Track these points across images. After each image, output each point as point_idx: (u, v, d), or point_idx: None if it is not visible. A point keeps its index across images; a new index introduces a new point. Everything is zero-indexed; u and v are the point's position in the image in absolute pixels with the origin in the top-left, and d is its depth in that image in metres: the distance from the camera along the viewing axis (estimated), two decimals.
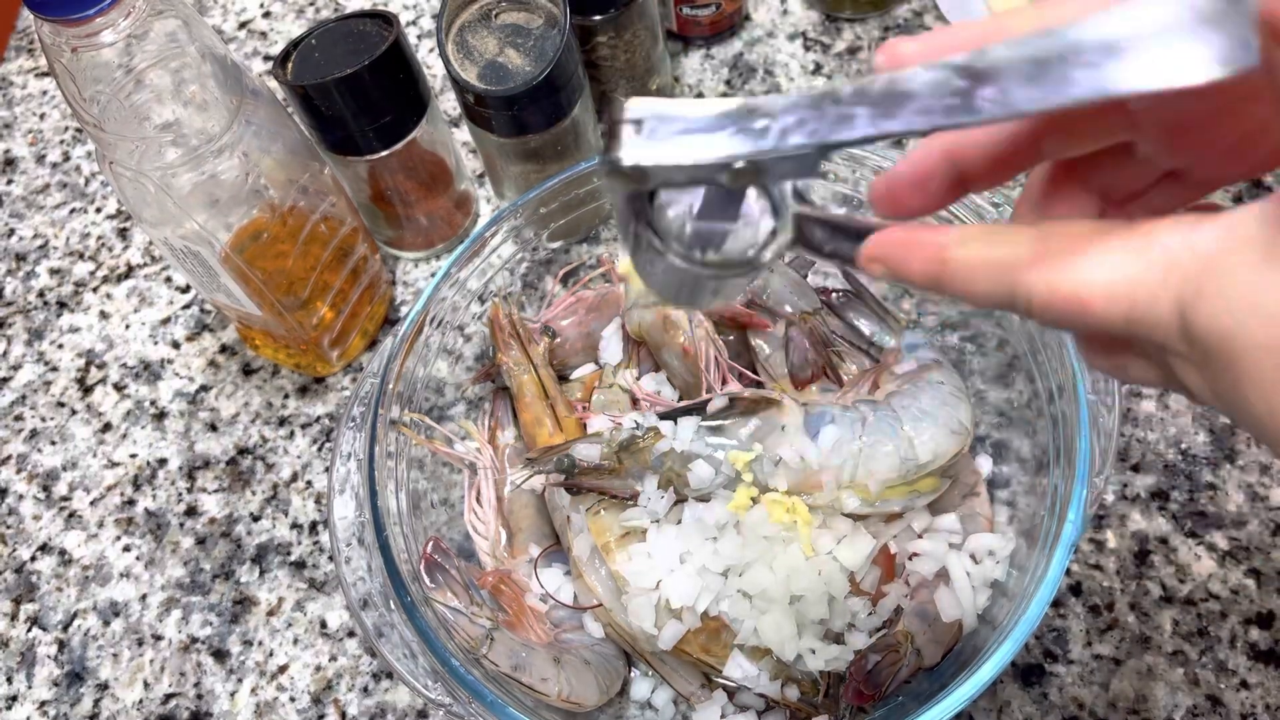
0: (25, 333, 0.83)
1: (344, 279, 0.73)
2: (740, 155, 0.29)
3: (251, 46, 0.95)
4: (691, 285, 0.35)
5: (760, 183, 0.31)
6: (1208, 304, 0.25)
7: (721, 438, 0.57)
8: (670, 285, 0.35)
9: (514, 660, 0.54)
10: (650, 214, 0.34)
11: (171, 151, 0.58)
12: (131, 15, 0.53)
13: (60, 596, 0.72)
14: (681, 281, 0.35)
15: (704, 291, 0.35)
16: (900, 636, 0.56)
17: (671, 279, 0.35)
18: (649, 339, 0.66)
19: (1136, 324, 0.26)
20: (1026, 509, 0.59)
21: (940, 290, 0.30)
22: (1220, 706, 0.59)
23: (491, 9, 0.70)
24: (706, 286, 0.35)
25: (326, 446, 0.75)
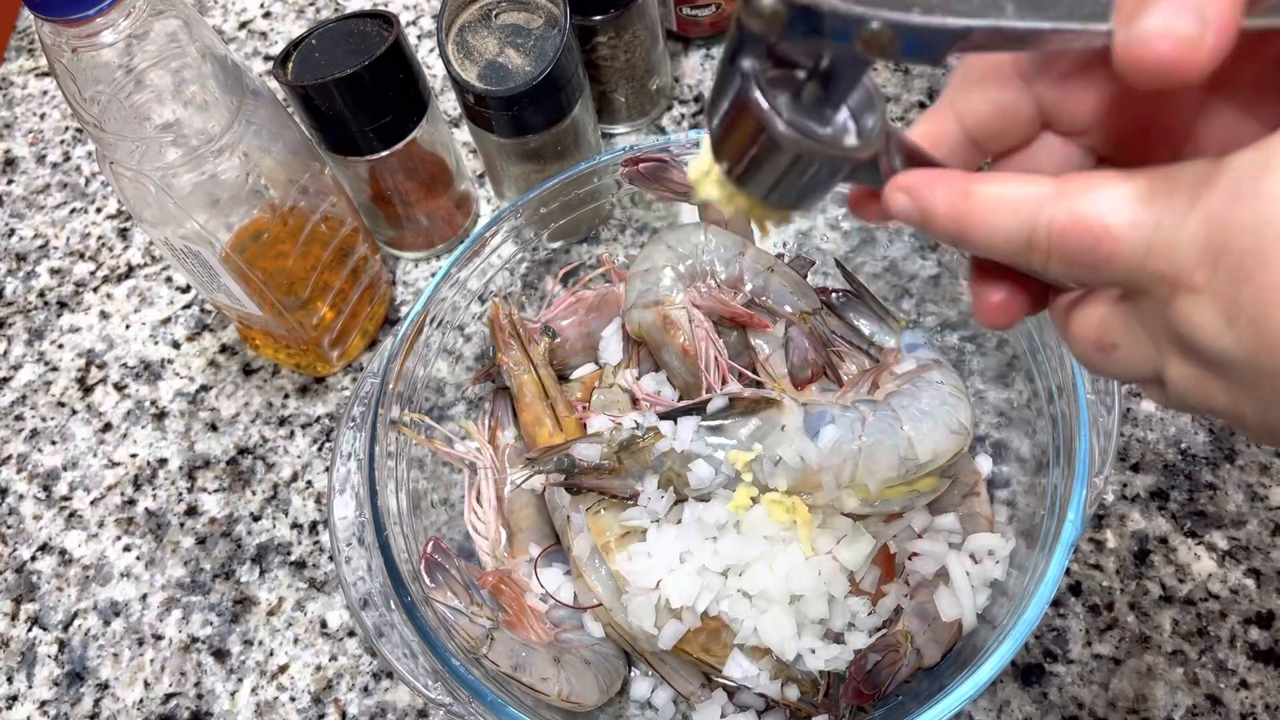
0: (25, 333, 0.83)
1: (344, 279, 0.73)
2: (881, 16, 0.29)
3: (252, 46, 0.95)
4: (785, 170, 0.33)
5: (882, 56, 0.30)
6: (1245, 204, 0.24)
7: (721, 438, 0.57)
8: (762, 171, 0.33)
9: (514, 660, 0.54)
10: (763, 79, 0.32)
11: (172, 151, 0.58)
12: (132, 15, 0.53)
13: (60, 596, 0.72)
14: (776, 165, 0.33)
15: (794, 184, 0.33)
16: (900, 636, 0.56)
17: (766, 161, 0.33)
18: (649, 339, 0.66)
19: (1157, 252, 0.26)
20: (1026, 509, 0.59)
21: (962, 231, 0.29)
22: (1220, 706, 0.59)
23: (491, 9, 0.70)
24: (803, 174, 0.33)
25: (326, 446, 0.75)
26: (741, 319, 0.64)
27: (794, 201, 0.34)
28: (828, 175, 0.33)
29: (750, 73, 0.31)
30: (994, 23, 0.29)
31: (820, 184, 0.33)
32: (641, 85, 0.82)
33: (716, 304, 0.64)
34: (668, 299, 0.64)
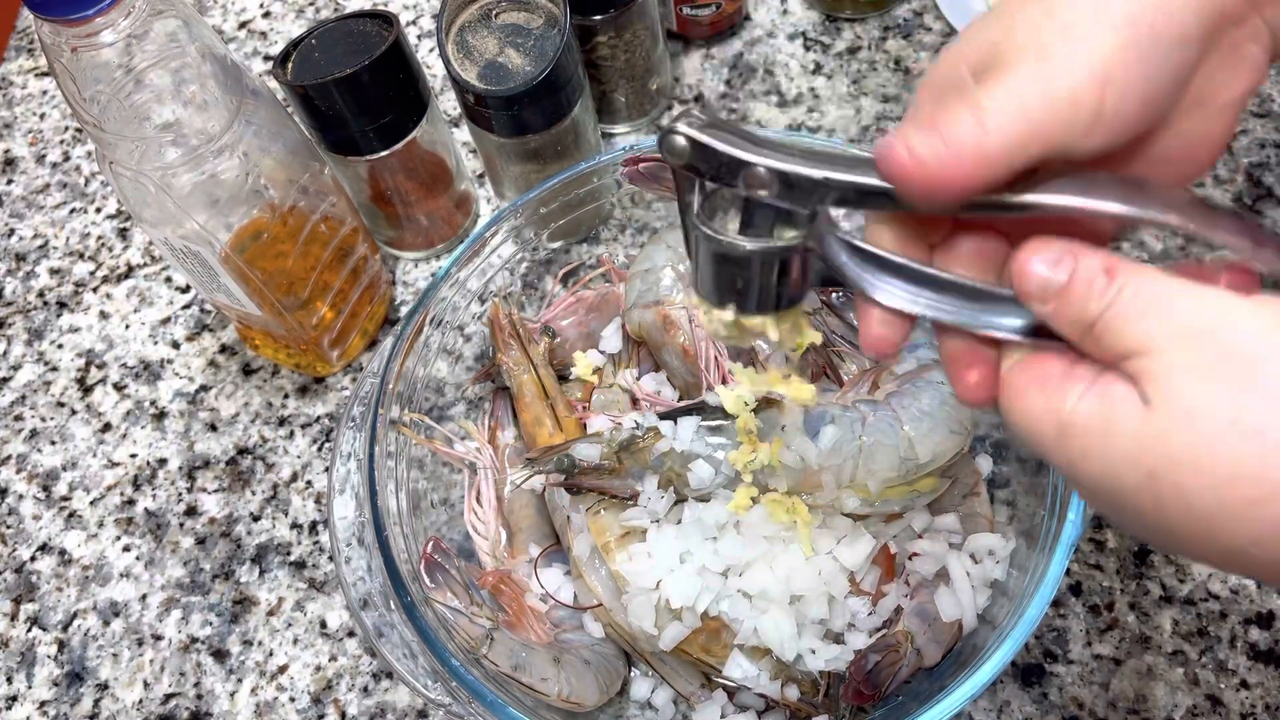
0: (25, 333, 0.83)
1: (344, 279, 0.73)
2: (765, 164, 0.35)
3: (251, 46, 0.95)
4: (729, 275, 0.38)
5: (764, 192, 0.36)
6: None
7: (721, 438, 0.57)
8: (708, 275, 0.39)
9: (514, 660, 0.54)
10: (701, 200, 0.38)
11: (171, 151, 0.58)
12: (131, 15, 0.53)
13: (60, 596, 0.72)
14: (718, 270, 0.39)
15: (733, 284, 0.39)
16: (900, 636, 0.56)
17: (708, 265, 0.39)
18: (649, 339, 0.66)
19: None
20: (1026, 509, 0.59)
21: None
22: (1220, 706, 0.59)
23: (491, 9, 0.70)
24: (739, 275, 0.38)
25: (326, 446, 0.75)
26: None
27: (753, 306, 0.40)
28: (759, 272, 0.38)
29: (687, 193, 0.38)
30: (850, 178, 0.34)
31: (756, 281, 0.38)
32: (641, 85, 0.82)
33: None
34: (668, 299, 0.64)
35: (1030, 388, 0.34)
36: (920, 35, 0.86)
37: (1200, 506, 0.30)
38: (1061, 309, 0.33)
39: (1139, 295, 0.31)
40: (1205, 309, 0.31)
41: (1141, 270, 0.32)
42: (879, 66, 0.85)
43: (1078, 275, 0.33)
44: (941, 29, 0.85)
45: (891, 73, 0.85)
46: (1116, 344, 0.32)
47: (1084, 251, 0.33)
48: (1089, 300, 0.32)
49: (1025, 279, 0.33)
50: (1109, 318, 0.32)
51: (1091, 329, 0.32)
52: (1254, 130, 0.77)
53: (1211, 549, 0.31)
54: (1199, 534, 0.31)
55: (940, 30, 0.85)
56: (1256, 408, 0.29)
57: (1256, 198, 0.75)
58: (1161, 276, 0.32)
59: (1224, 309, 0.31)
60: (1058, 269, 0.33)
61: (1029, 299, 0.34)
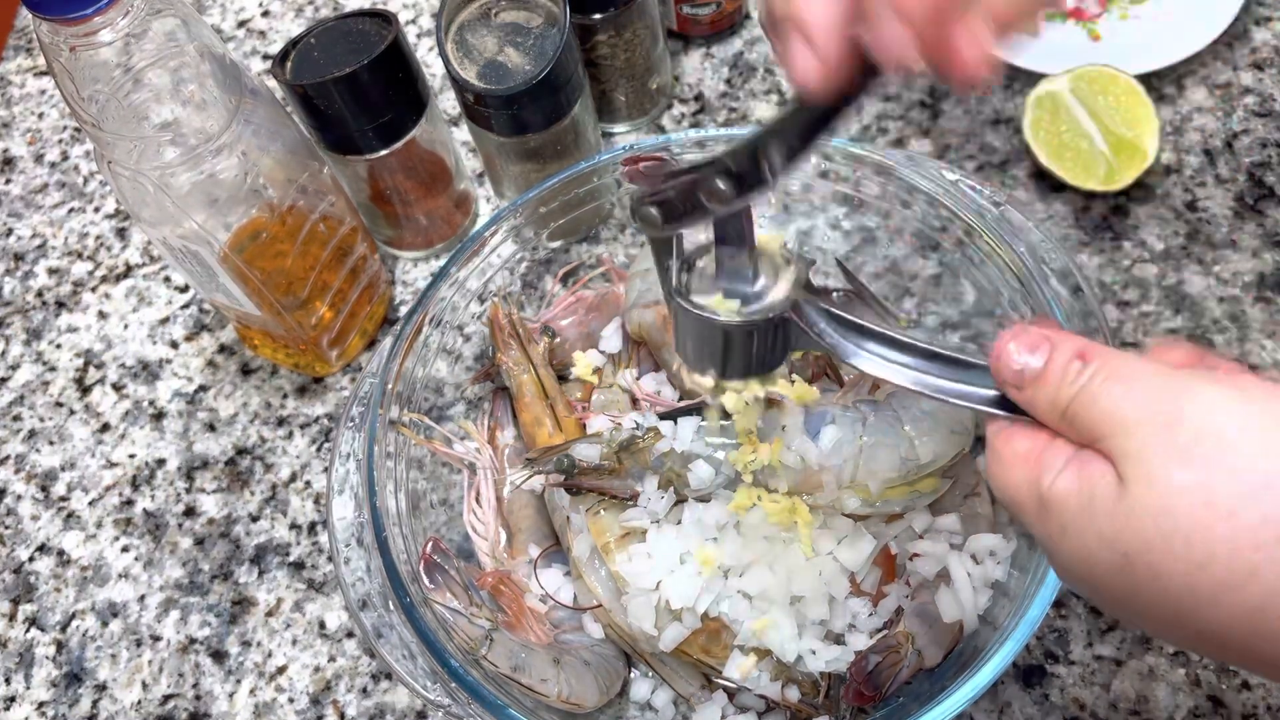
0: (24, 332, 0.83)
1: (343, 279, 0.73)
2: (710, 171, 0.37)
3: (250, 46, 0.95)
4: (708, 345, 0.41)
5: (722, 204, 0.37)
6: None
7: (722, 438, 0.57)
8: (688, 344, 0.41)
9: (513, 661, 0.54)
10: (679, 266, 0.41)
11: (170, 151, 0.57)
12: (130, 14, 0.53)
13: (58, 597, 0.71)
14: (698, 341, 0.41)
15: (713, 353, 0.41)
16: (901, 637, 0.55)
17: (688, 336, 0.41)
18: (649, 339, 0.65)
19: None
20: None
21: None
22: (1222, 708, 0.59)
23: (491, 8, 0.70)
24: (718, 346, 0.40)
25: (325, 446, 0.75)
26: None
27: (734, 373, 0.41)
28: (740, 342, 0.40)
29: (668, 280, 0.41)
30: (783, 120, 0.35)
31: (736, 350, 0.41)
32: (641, 84, 0.81)
33: None
34: None
35: (1015, 462, 0.35)
36: None
37: (1174, 589, 0.30)
38: (1037, 394, 0.34)
39: (1111, 379, 0.32)
40: (1178, 390, 0.31)
41: (1114, 355, 0.33)
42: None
43: (1053, 362, 0.33)
44: None
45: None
46: (1090, 427, 0.32)
47: (1061, 337, 0.34)
48: (1062, 386, 0.33)
49: (1002, 366, 0.34)
50: (1082, 401, 0.32)
51: (1065, 413, 0.33)
52: (1255, 130, 0.77)
53: (1185, 633, 0.31)
54: (1172, 617, 0.31)
55: None
56: (1228, 489, 0.29)
57: (1258, 197, 0.75)
58: (1134, 360, 0.33)
59: (1197, 391, 0.31)
60: (1035, 355, 0.34)
61: (1005, 385, 0.35)
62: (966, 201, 0.59)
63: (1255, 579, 0.29)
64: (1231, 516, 0.29)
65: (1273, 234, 0.73)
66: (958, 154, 0.80)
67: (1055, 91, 0.77)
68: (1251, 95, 0.79)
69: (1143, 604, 0.31)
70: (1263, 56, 0.81)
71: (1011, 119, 0.81)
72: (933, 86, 0.83)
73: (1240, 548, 0.29)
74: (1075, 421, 0.33)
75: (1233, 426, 0.30)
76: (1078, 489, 0.32)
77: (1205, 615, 0.30)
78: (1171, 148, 0.78)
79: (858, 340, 0.37)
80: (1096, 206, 0.76)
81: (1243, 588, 0.29)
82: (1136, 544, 0.30)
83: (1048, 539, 0.34)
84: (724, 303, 0.40)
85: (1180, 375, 0.32)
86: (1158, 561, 0.30)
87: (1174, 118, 0.79)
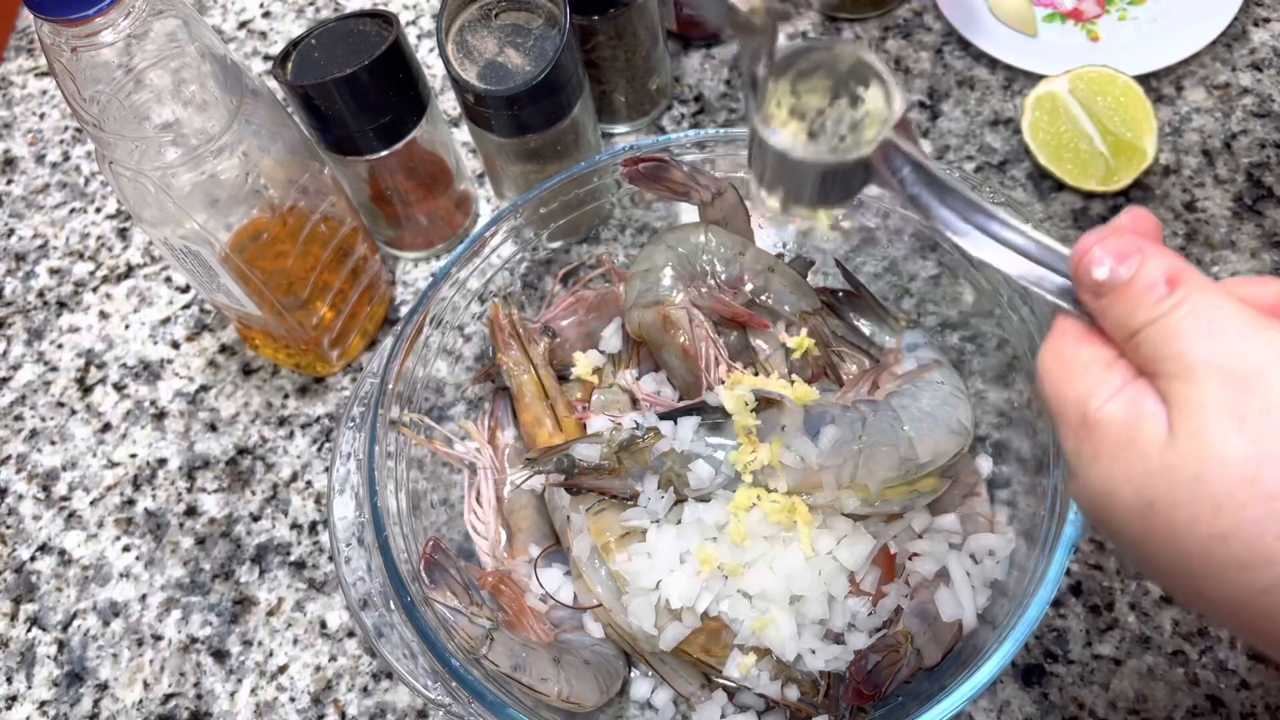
0: (25, 333, 0.83)
1: (344, 279, 0.73)
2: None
3: (251, 46, 0.95)
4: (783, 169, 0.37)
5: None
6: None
7: (721, 438, 0.57)
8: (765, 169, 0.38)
9: (514, 660, 0.54)
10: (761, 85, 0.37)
11: (171, 151, 0.58)
12: (131, 15, 0.53)
13: (60, 596, 0.72)
14: (776, 165, 0.37)
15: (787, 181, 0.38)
16: (900, 636, 0.55)
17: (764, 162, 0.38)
18: (649, 339, 0.66)
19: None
20: (1026, 509, 0.59)
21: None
22: (1221, 707, 0.59)
23: (491, 9, 0.70)
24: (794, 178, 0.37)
25: (326, 446, 0.75)
26: (741, 319, 0.64)
27: (806, 201, 0.38)
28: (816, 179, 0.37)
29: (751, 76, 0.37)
30: None
31: (811, 184, 0.38)
32: (641, 85, 0.82)
33: (716, 304, 0.64)
34: (668, 299, 0.64)
35: (1072, 368, 0.32)
36: (920, 35, 0.86)
37: (1188, 550, 0.29)
38: (1111, 307, 0.31)
39: (1192, 316, 0.30)
40: (1258, 350, 0.29)
41: (1203, 288, 0.30)
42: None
43: (1139, 278, 0.31)
44: (941, 29, 0.85)
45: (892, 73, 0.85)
46: (1155, 360, 0.30)
47: (1154, 252, 0.31)
48: (1140, 307, 0.30)
49: (1085, 268, 0.32)
50: (1156, 330, 0.30)
51: (1135, 336, 0.31)
52: (1254, 130, 0.78)
53: (1185, 589, 0.30)
54: (1178, 573, 0.30)
55: (940, 30, 0.85)
56: (1278, 472, 0.28)
57: (1257, 198, 0.75)
58: (1223, 301, 0.30)
59: (1278, 355, 0.29)
60: (1124, 265, 0.31)
61: (1083, 289, 0.32)
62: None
63: (1271, 565, 0.28)
64: (1270, 500, 0.28)
65: (1271, 234, 0.73)
66: (957, 154, 0.80)
67: (1054, 92, 0.77)
68: (1250, 96, 0.79)
69: (1152, 553, 0.30)
70: (1261, 57, 0.81)
71: (1011, 119, 0.81)
72: (932, 87, 0.83)
73: (1267, 533, 0.28)
74: (1141, 349, 0.31)
75: None
76: (1123, 422, 0.30)
77: (1212, 582, 0.29)
78: (1170, 148, 0.78)
79: (939, 196, 0.34)
80: (1095, 207, 0.76)
81: (1256, 568, 0.28)
82: (1164, 497, 0.29)
83: (1078, 459, 0.32)
84: (800, 135, 0.37)
85: (1272, 335, 0.29)
86: (1180, 519, 0.29)
87: (1173, 118, 0.79)
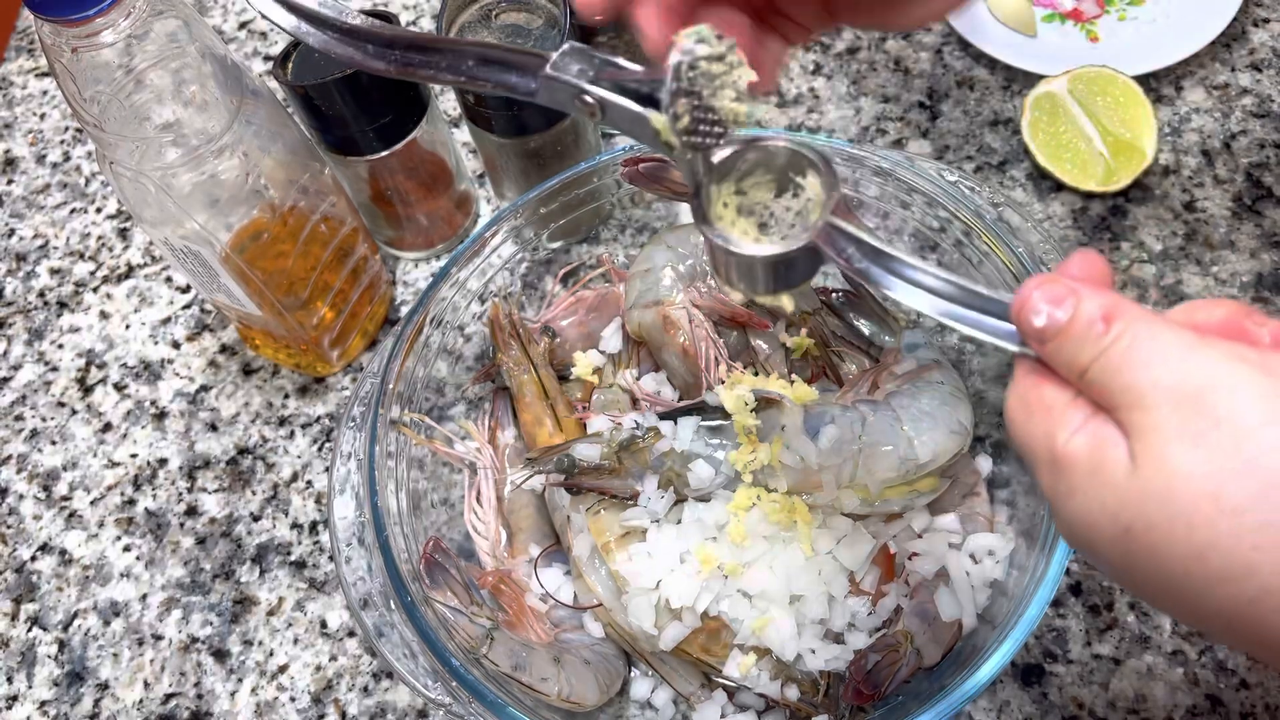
0: (25, 333, 0.83)
1: (344, 279, 0.73)
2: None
3: (251, 46, 0.95)
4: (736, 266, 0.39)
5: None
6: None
7: (721, 437, 0.57)
8: (720, 266, 0.40)
9: (514, 660, 0.54)
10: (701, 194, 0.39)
11: (172, 151, 0.58)
12: (131, 15, 0.53)
13: (60, 596, 0.72)
14: (728, 265, 0.39)
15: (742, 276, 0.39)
16: (900, 636, 0.56)
17: (717, 260, 0.40)
18: (649, 339, 0.66)
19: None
20: (1026, 509, 0.59)
21: None
22: (1220, 706, 0.59)
23: (491, 9, 0.70)
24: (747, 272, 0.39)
25: (326, 446, 0.75)
26: (741, 319, 0.64)
27: (764, 290, 0.40)
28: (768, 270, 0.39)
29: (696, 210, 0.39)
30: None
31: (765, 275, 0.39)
32: None
33: (716, 304, 0.64)
34: (668, 299, 0.64)
35: (1037, 410, 0.33)
36: (920, 35, 0.86)
37: (1169, 572, 0.30)
38: (1058, 352, 0.32)
39: (1133, 348, 0.31)
40: (1201, 368, 0.30)
41: (1140, 319, 0.31)
42: (878, 67, 0.85)
43: (1076, 319, 0.32)
44: (941, 29, 0.86)
45: (891, 73, 0.85)
46: (1107, 395, 0.31)
47: (1088, 293, 0.32)
48: (1083, 347, 0.32)
49: (1024, 317, 0.33)
50: (1101, 366, 0.31)
51: (1084, 375, 0.32)
52: (1253, 130, 0.78)
53: (1176, 608, 0.31)
54: (1164, 592, 0.31)
55: (940, 30, 0.86)
56: (1239, 485, 0.28)
57: (1256, 198, 0.75)
58: (1160, 328, 0.31)
59: (1221, 371, 0.29)
60: (1060, 308, 0.32)
61: (1027, 337, 0.33)
62: (965, 202, 0.59)
63: (1252, 577, 0.28)
64: (1237, 513, 0.28)
65: (1271, 234, 0.73)
66: (956, 155, 0.80)
67: (1054, 92, 0.77)
68: (1249, 96, 0.79)
69: (1139, 577, 0.31)
70: (1260, 58, 0.81)
71: (1010, 120, 0.81)
72: (931, 88, 0.83)
73: (1241, 545, 0.28)
74: (1092, 387, 0.32)
75: (1254, 415, 0.28)
76: (1088, 454, 0.31)
77: (1200, 599, 0.30)
78: (1170, 148, 0.78)
79: (888, 266, 0.36)
80: (1095, 207, 0.76)
81: (1239, 581, 0.29)
82: (1139, 522, 0.30)
83: (1054, 496, 0.33)
84: (750, 231, 0.39)
85: (1210, 351, 0.30)
86: (1158, 542, 0.30)
87: (1172, 118, 0.79)
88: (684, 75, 0.36)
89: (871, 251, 0.37)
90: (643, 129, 0.37)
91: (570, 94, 0.38)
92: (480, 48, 0.40)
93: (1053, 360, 0.33)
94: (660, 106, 0.37)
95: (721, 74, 0.36)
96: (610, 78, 0.38)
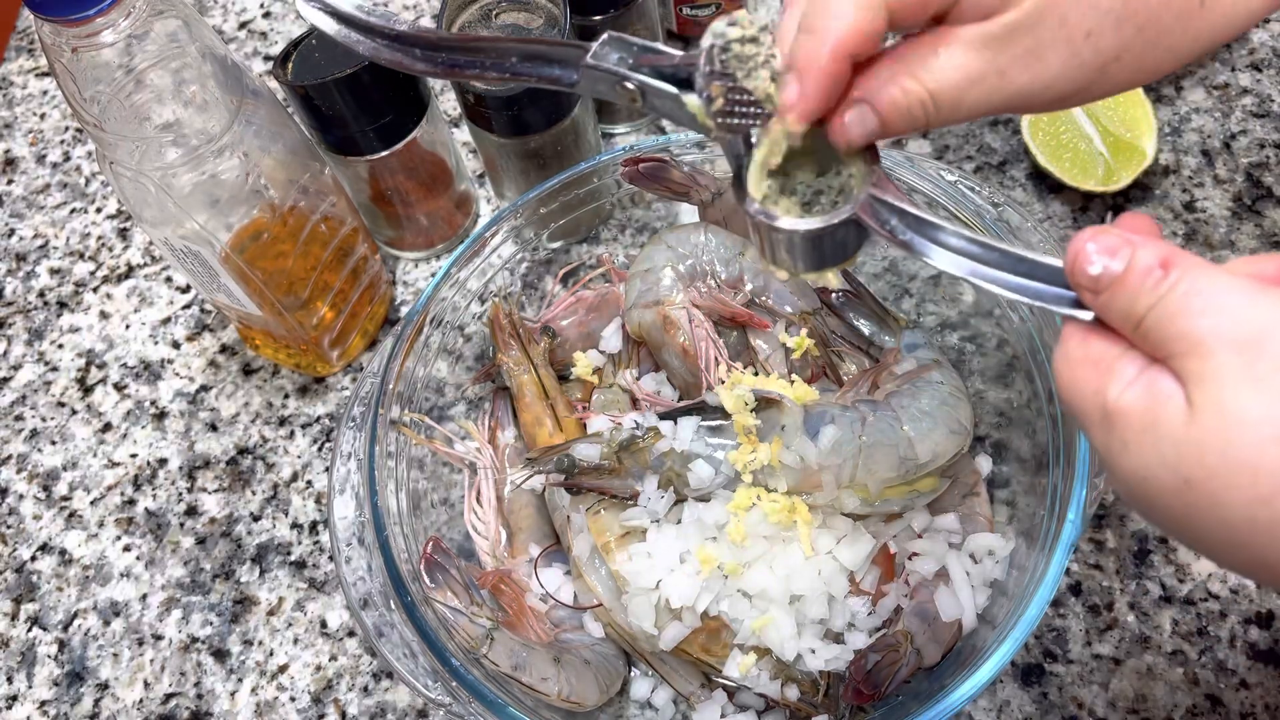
0: (25, 333, 0.83)
1: (344, 279, 0.73)
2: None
3: (252, 46, 0.95)
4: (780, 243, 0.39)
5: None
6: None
7: (721, 438, 0.57)
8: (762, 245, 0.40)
9: (514, 660, 0.54)
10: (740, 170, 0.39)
11: (172, 151, 0.58)
12: (131, 15, 0.53)
13: (60, 596, 0.72)
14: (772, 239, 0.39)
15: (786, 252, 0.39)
16: (900, 636, 0.56)
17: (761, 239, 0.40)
18: (649, 339, 0.66)
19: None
20: (1026, 509, 0.59)
21: None
22: (1220, 706, 0.59)
23: (491, 9, 0.70)
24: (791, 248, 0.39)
25: (326, 446, 0.75)
26: (741, 319, 0.64)
27: (809, 267, 0.40)
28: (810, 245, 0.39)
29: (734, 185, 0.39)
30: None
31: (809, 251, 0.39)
32: None
33: (716, 304, 0.64)
34: (668, 299, 0.64)
35: (1085, 366, 0.33)
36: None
37: (1233, 519, 0.29)
38: (1112, 301, 0.32)
39: (1191, 293, 0.30)
40: (1260, 313, 0.29)
41: (1197, 266, 0.31)
42: None
43: (1133, 267, 0.31)
44: None
45: None
46: (1163, 343, 0.31)
47: (1142, 242, 0.32)
48: (1139, 295, 0.31)
49: (1079, 267, 0.32)
50: (1158, 315, 0.31)
51: (1140, 325, 0.31)
52: (1253, 130, 0.78)
53: (1239, 559, 0.31)
54: (1228, 544, 0.30)
55: None
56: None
57: (1256, 198, 0.75)
58: (1218, 275, 0.30)
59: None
60: (1115, 259, 0.32)
61: (1082, 290, 0.33)
62: (965, 202, 0.59)
63: None
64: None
65: (1271, 234, 0.73)
66: (956, 155, 0.80)
67: None
68: (1249, 96, 0.79)
69: (1199, 528, 0.30)
70: (1260, 58, 0.81)
71: (1010, 119, 0.81)
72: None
73: None
74: (1149, 336, 0.31)
75: None
76: (1144, 407, 0.31)
77: (1262, 545, 0.29)
78: (1170, 148, 0.78)
79: (932, 235, 0.36)
80: (1095, 207, 0.76)
81: None
82: (1199, 471, 0.29)
83: (1108, 452, 0.32)
84: (793, 210, 0.39)
85: (1270, 297, 0.30)
86: (1220, 490, 0.29)
87: (1172, 118, 0.79)
88: (716, 58, 0.37)
89: (914, 221, 0.37)
90: (681, 112, 0.38)
91: (611, 82, 0.39)
92: (522, 44, 0.40)
93: (1106, 311, 0.32)
94: (695, 89, 0.37)
95: (755, 56, 0.37)
96: (648, 63, 0.38)
